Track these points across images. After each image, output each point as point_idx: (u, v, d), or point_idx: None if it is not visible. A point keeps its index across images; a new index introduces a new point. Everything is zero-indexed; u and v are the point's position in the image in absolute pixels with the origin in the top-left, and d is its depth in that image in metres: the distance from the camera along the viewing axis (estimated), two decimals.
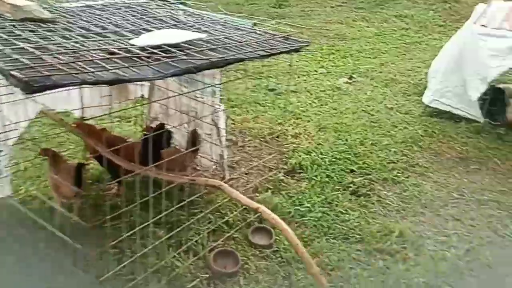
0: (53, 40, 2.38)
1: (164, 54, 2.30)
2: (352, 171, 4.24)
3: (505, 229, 3.48)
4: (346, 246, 3.19)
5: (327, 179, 4.02)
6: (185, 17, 3.28)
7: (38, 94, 1.82)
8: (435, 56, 5.73)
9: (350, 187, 3.97)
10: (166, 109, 3.64)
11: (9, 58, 2.02)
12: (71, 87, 2.58)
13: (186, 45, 2.48)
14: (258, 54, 2.62)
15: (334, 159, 4.39)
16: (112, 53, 2.25)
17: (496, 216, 3.65)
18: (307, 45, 2.98)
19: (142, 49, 2.36)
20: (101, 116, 3.08)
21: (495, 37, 4.55)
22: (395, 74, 6.76)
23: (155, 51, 2.32)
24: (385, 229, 3.41)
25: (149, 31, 2.76)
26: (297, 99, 5.83)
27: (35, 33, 2.49)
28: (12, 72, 1.82)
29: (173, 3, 3.71)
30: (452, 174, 4.30)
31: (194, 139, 3.42)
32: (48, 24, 2.71)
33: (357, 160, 4.40)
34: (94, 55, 2.19)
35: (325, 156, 4.42)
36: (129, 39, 2.52)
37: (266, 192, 3.71)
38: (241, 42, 2.75)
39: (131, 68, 2.11)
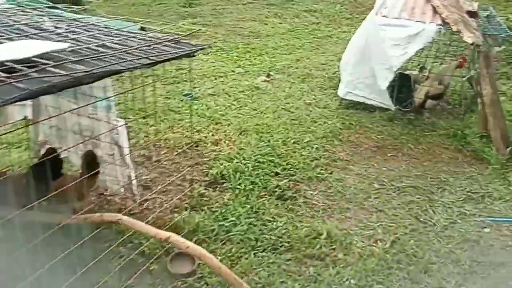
0: None
1: (4, 74, 1.85)
2: (276, 174, 4.13)
3: (425, 214, 3.60)
4: (275, 257, 3.05)
5: (251, 186, 3.86)
6: (52, 24, 2.81)
7: None
8: (346, 49, 5.85)
9: (276, 191, 3.85)
10: (57, 130, 3.20)
11: None
12: None
13: (40, 59, 2.05)
14: (140, 63, 2.27)
15: (257, 163, 4.25)
16: None
17: (415, 202, 3.77)
18: (201, 49, 2.73)
19: None
20: None
21: (395, 26, 4.71)
22: (311, 69, 6.83)
23: None
24: (313, 232, 3.33)
25: None
26: (215, 103, 5.61)
27: None
28: None
29: (44, 8, 3.19)
30: (372, 164, 4.38)
31: (89, 162, 3.02)
32: None
33: (281, 162, 4.31)
34: None
35: (248, 161, 4.26)
36: None
37: (186, 211, 3.45)
38: (119, 50, 2.39)
39: None
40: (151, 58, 2.36)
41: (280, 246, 3.19)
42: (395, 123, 5.10)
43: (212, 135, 4.84)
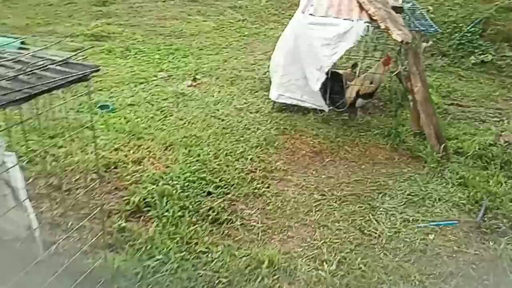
0: None
1: None
2: (209, 193, 3.71)
3: (369, 225, 3.40)
4: None
5: (181, 213, 3.40)
6: None
7: None
8: (274, 50, 5.55)
9: (209, 215, 3.43)
10: None
11: None
12: None
13: None
14: (6, 100, 1.74)
15: (187, 183, 3.79)
16: None
17: (358, 212, 3.56)
18: (96, 71, 2.20)
19: None
20: None
21: (324, 25, 4.50)
22: (240, 70, 6.45)
23: None
24: (253, 261, 2.97)
25: None
26: (136, 114, 5.01)
27: None
28: None
29: None
30: (311, 172, 4.13)
31: None
32: None
33: (213, 178, 3.89)
34: None
35: (176, 182, 3.78)
36: None
37: (103, 251, 2.90)
38: None
39: None
40: (25, 91, 1.80)
41: (218, 283, 2.79)
42: (330, 125, 4.90)
43: (133, 153, 4.27)
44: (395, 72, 5.20)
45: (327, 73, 4.65)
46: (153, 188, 3.66)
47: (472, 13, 7.75)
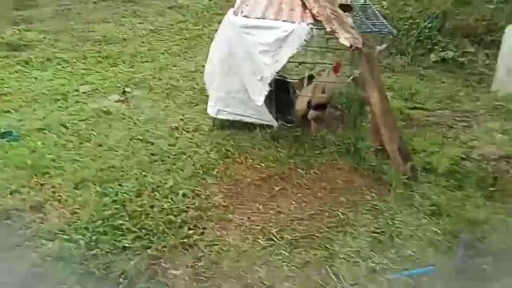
0: None
1: None
2: (124, 248, 2.88)
3: (326, 282, 2.68)
4: None
5: (79, 286, 2.55)
6: None
7: None
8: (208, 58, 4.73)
9: (120, 283, 2.60)
10: None
11: None
12: None
13: None
14: None
15: (96, 236, 2.95)
16: None
17: (313, 263, 2.83)
18: None
19: None
20: None
21: (260, 28, 3.76)
22: (178, 79, 5.61)
23: None
24: None
25: None
26: (44, 142, 4.08)
27: None
28: None
29: None
30: (257, 207, 3.37)
31: None
32: None
33: (131, 226, 3.06)
34: None
35: (82, 236, 2.92)
36: None
37: None
38: None
39: None
40: None
41: None
42: (280, 143, 4.16)
43: (34, 195, 3.37)
44: (351, 77, 4.55)
45: (270, 84, 3.91)
46: (49, 248, 2.80)
47: (428, 8, 7.28)
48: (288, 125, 4.35)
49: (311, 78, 4.65)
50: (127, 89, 5.23)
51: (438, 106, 5.44)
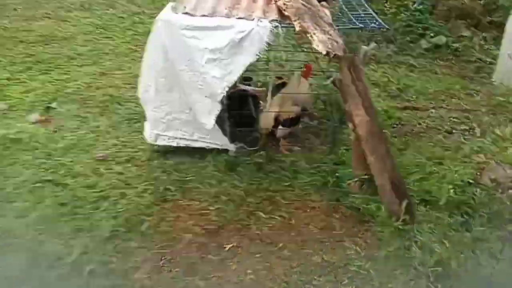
0: None
1: None
2: None
3: None
4: None
5: None
6: None
7: None
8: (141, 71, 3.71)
9: None
10: None
11: None
12: None
13: None
14: None
15: None
16: None
17: None
18: None
19: None
20: None
21: (207, 30, 2.79)
22: (120, 88, 4.58)
23: None
24: None
25: None
26: None
27: None
28: None
29: None
30: (196, 283, 2.42)
31: None
32: None
33: None
34: None
35: None
36: None
37: None
38: None
39: None
40: None
41: None
42: (238, 173, 3.22)
43: None
44: (330, 80, 3.59)
45: (222, 102, 2.96)
46: None
47: None
48: (249, 148, 3.40)
49: (280, 86, 3.68)
50: (52, 105, 4.19)
51: (432, 104, 4.59)
